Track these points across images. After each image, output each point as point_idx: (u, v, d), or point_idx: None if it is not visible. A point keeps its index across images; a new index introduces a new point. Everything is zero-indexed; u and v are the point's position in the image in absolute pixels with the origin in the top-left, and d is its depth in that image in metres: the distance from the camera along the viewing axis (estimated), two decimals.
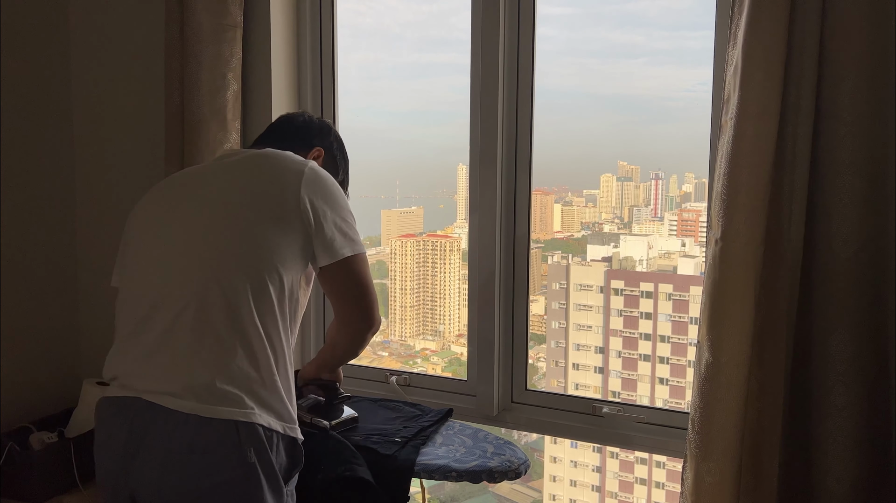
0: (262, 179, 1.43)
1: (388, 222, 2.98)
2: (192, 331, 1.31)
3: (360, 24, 2.43)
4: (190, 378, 1.30)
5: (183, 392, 1.30)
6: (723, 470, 1.52)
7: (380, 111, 2.63)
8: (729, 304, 1.49)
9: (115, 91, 2.33)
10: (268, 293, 1.35)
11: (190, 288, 1.33)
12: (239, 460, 1.29)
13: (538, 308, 2.62)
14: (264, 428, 1.32)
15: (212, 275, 1.33)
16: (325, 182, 1.45)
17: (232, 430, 1.29)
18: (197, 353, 1.31)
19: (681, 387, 2.57)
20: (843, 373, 1.47)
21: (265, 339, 1.34)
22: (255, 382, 1.32)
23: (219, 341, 1.31)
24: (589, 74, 2.34)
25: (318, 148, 1.65)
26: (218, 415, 1.28)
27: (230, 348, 1.31)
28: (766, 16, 1.41)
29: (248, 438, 1.30)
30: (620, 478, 2.95)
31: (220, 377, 1.30)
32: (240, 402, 1.30)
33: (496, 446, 1.70)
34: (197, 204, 1.43)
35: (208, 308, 1.32)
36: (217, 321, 1.31)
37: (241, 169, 1.47)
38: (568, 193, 2.75)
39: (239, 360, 1.31)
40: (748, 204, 1.46)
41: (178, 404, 1.29)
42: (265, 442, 1.32)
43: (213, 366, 1.30)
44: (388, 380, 2.16)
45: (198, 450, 1.29)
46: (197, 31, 1.98)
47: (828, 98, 1.45)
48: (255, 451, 1.30)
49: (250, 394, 1.31)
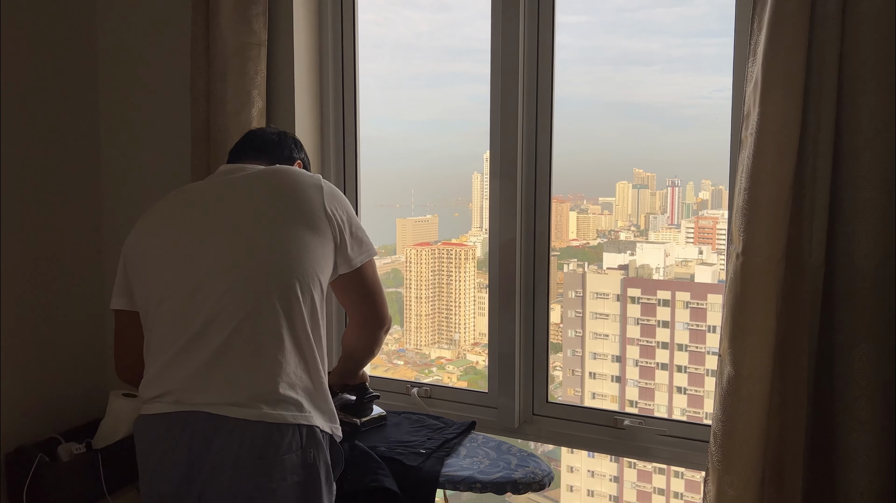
0: (288, 192, 1.47)
1: (404, 231, 2.99)
2: (250, 343, 1.35)
3: (378, 35, 2.45)
4: (253, 387, 1.35)
5: (248, 401, 1.34)
6: (745, 483, 1.52)
7: (396, 120, 2.65)
8: (750, 318, 1.50)
9: (141, 109, 2.37)
10: (313, 299, 1.42)
11: (245, 300, 1.36)
12: (303, 462, 1.36)
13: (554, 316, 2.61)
14: (320, 429, 1.40)
15: (265, 287, 1.37)
16: (339, 194, 1.54)
17: (297, 434, 1.35)
18: (258, 363, 1.35)
19: (699, 397, 2.56)
20: (866, 387, 1.48)
21: (314, 344, 1.41)
22: (309, 386, 1.39)
23: (277, 349, 1.36)
24: (604, 82, 2.35)
25: (298, 160, 1.72)
26: (284, 420, 1.34)
27: (288, 355, 1.37)
28: (786, 32, 1.42)
29: (310, 440, 1.37)
30: (638, 489, 2.94)
31: (282, 384, 1.35)
32: (300, 407, 1.36)
33: (520, 458, 1.71)
34: (230, 219, 1.44)
35: (265, 318, 1.36)
36: (274, 330, 1.36)
37: (261, 182, 1.49)
38: (583, 201, 2.75)
39: (295, 367, 1.37)
40: (769, 219, 1.47)
41: (245, 413, 1.33)
42: (322, 443, 1.40)
43: (274, 374, 1.35)
44: (410, 392, 2.17)
45: (268, 454, 1.33)
46: (222, 49, 2.02)
47: (848, 113, 1.45)
48: (314, 453, 1.38)
49: (308, 398, 1.38)
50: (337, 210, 1.48)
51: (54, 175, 2.33)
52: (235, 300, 1.36)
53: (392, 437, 1.78)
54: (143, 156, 2.37)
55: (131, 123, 2.39)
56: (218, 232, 1.43)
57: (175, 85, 2.24)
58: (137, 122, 2.38)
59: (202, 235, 1.44)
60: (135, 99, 2.38)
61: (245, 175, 1.52)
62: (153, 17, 2.32)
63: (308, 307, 1.40)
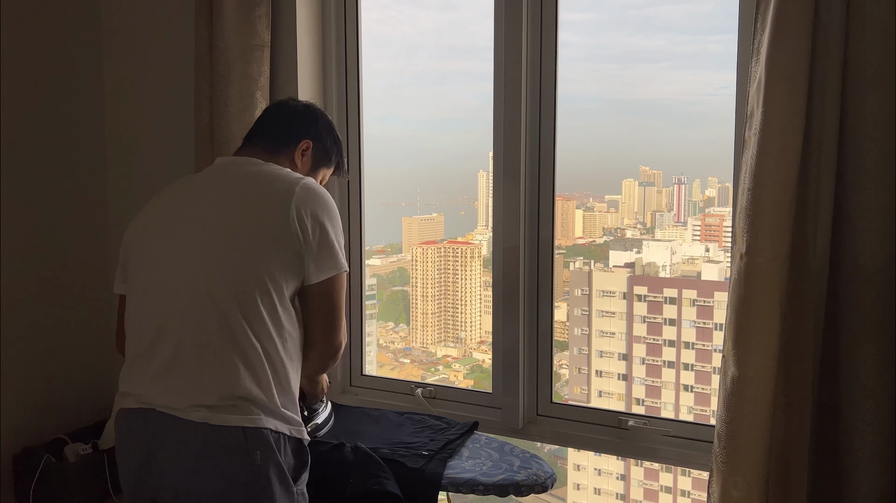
0: (255, 201, 1.48)
1: (410, 229, 2.99)
2: (193, 356, 1.40)
3: (382, 34, 2.45)
4: (199, 392, 1.39)
5: (194, 404, 1.38)
6: (750, 484, 1.52)
7: (401, 119, 2.65)
8: (754, 319, 1.49)
9: (145, 110, 2.38)
10: (259, 311, 1.40)
11: (190, 313, 1.41)
12: (248, 463, 1.37)
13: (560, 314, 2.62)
14: (271, 431, 1.40)
15: (208, 300, 1.40)
16: (316, 201, 1.48)
17: (239, 435, 1.37)
18: (200, 377, 1.39)
19: (706, 394, 2.56)
20: (871, 388, 1.47)
21: (262, 354, 1.40)
22: (258, 394, 1.39)
23: (220, 362, 1.39)
24: (610, 80, 2.34)
25: (305, 140, 1.66)
26: (226, 422, 1.37)
27: (231, 368, 1.38)
28: (789, 32, 1.41)
29: (255, 442, 1.38)
30: (645, 487, 2.94)
31: (224, 396, 1.38)
32: (245, 410, 1.38)
33: (523, 460, 1.71)
34: (193, 226, 1.48)
35: (207, 331, 1.39)
36: (216, 344, 1.39)
37: (235, 190, 1.51)
38: (590, 199, 2.74)
39: (241, 378, 1.38)
40: (773, 219, 1.46)
41: (191, 414, 1.38)
42: (273, 444, 1.40)
43: (217, 386, 1.38)
44: (414, 392, 2.18)
45: (209, 455, 1.38)
46: (225, 51, 2.02)
47: (852, 113, 1.44)
48: (261, 454, 1.38)
49: (254, 404, 1.39)
50: (306, 220, 1.44)
51: (59, 177, 2.34)
52: (180, 312, 1.42)
53: (395, 439, 1.78)
54: (148, 157, 2.38)
55: (136, 125, 2.40)
56: (183, 238, 1.47)
57: (179, 87, 2.25)
58: (142, 124, 2.39)
59: (172, 240, 1.48)
60: (139, 101, 2.39)
61: (226, 178, 1.55)
62: (157, 20, 2.33)
63: (267, 316, 1.41)
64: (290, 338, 1.46)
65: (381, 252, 2.99)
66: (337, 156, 1.74)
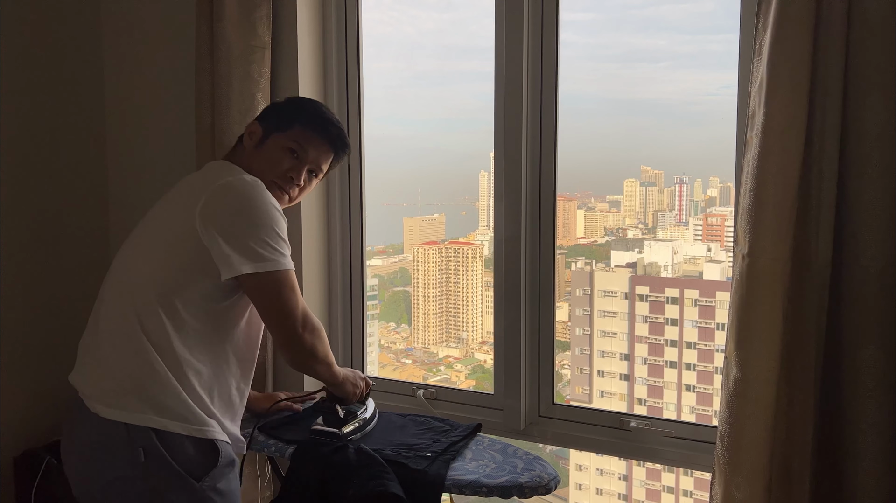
0: (180, 201, 1.54)
1: (411, 230, 2.99)
2: (100, 350, 1.50)
3: (383, 34, 2.45)
4: (98, 385, 1.47)
5: (94, 396, 1.47)
6: (752, 486, 1.52)
7: (402, 119, 2.65)
8: (757, 320, 1.49)
9: (146, 112, 2.38)
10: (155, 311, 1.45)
11: (106, 309, 1.52)
12: (131, 459, 1.42)
13: (562, 314, 2.62)
14: (157, 430, 1.42)
15: (117, 298, 1.51)
16: (231, 198, 1.47)
17: (122, 430, 1.42)
18: (99, 370, 1.49)
19: (708, 394, 2.56)
20: (874, 389, 1.46)
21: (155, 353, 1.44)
22: (151, 392, 1.44)
23: (115, 358, 1.47)
24: (611, 79, 2.34)
25: (252, 123, 1.68)
26: (111, 416, 1.43)
27: (124, 365, 1.46)
28: (791, 32, 1.41)
29: (139, 439, 1.42)
30: (647, 487, 2.94)
31: (110, 390, 1.45)
32: (130, 407, 1.43)
33: (526, 461, 1.71)
34: (143, 225, 1.60)
35: (110, 329, 1.49)
36: (115, 340, 1.47)
37: (182, 194, 1.57)
38: (591, 199, 2.74)
39: (130, 375, 1.45)
40: (775, 220, 1.46)
41: (89, 404, 1.46)
42: (158, 443, 1.42)
43: (108, 380, 1.46)
44: (415, 393, 2.17)
45: (96, 446, 1.45)
46: (226, 53, 2.02)
47: (854, 113, 1.44)
48: (145, 452, 1.42)
49: (141, 401, 1.43)
50: (213, 217, 1.45)
51: (61, 178, 2.34)
52: (107, 305, 1.52)
53: (397, 440, 1.78)
54: (149, 159, 2.38)
55: (136, 126, 2.40)
56: (131, 240, 1.59)
57: (180, 88, 2.25)
58: (143, 125, 2.39)
59: (132, 238, 1.60)
60: (140, 102, 2.39)
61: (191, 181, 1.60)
62: (158, 21, 2.33)
63: (166, 317, 1.45)
64: (197, 335, 1.48)
65: (382, 252, 2.99)
66: (305, 121, 1.64)
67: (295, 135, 1.63)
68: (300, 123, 1.64)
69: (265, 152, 1.62)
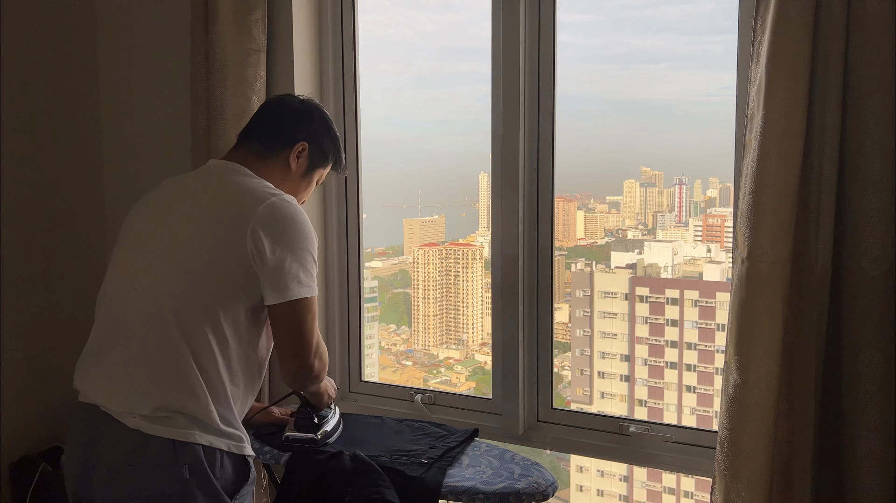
0: (220, 216, 1.49)
1: (411, 231, 2.98)
2: (134, 365, 1.44)
3: (383, 36, 2.44)
4: (133, 407, 1.42)
5: (130, 410, 1.42)
6: (753, 491, 1.50)
7: (402, 121, 2.64)
8: (756, 324, 1.48)
9: (142, 115, 2.37)
10: (201, 329, 1.43)
11: (139, 323, 1.45)
12: (174, 476, 1.39)
13: (562, 316, 2.61)
14: (204, 446, 1.42)
15: (156, 313, 1.44)
16: (279, 222, 1.47)
17: (168, 448, 1.40)
18: (138, 386, 1.43)
19: (708, 395, 2.54)
20: (875, 393, 1.45)
21: (199, 371, 1.43)
22: (193, 409, 1.42)
23: (156, 375, 1.42)
24: (610, 80, 2.33)
25: (301, 143, 1.64)
26: (156, 433, 1.40)
27: (167, 382, 1.42)
28: (790, 34, 1.40)
29: (185, 456, 1.40)
30: (648, 488, 2.93)
31: (158, 407, 1.41)
32: (177, 423, 1.41)
33: (523, 467, 1.69)
34: (162, 237, 1.51)
35: (149, 343, 1.43)
36: (156, 356, 1.43)
37: (208, 203, 1.52)
38: (591, 200, 2.73)
39: (176, 392, 1.42)
40: (774, 223, 1.45)
41: (126, 419, 1.41)
42: (204, 460, 1.41)
43: (153, 398, 1.42)
44: (413, 398, 2.16)
45: (136, 463, 1.40)
46: (221, 56, 2.01)
47: (853, 115, 1.42)
48: (190, 468, 1.40)
49: (188, 418, 1.42)
50: (263, 242, 1.44)
51: (56, 183, 2.34)
52: (137, 319, 1.45)
53: (394, 446, 1.77)
54: (145, 162, 2.37)
55: (132, 130, 2.40)
56: (151, 248, 1.51)
57: (175, 92, 2.24)
58: (138, 129, 2.38)
59: (143, 247, 1.52)
60: (135, 106, 2.38)
61: (205, 187, 1.56)
62: (153, 25, 2.32)
63: (211, 334, 1.43)
64: (237, 355, 1.48)
65: (382, 254, 2.98)
66: (334, 154, 1.73)
67: (327, 170, 1.74)
68: (334, 158, 1.74)
69: (305, 182, 1.69)
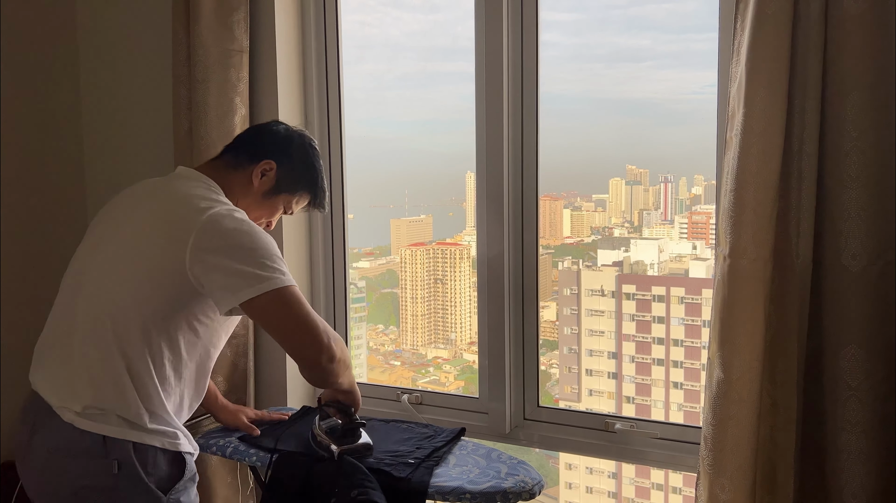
0: (163, 226, 1.49)
1: (398, 231, 2.98)
2: (72, 363, 1.48)
3: (367, 36, 2.43)
4: (67, 402, 1.46)
5: (66, 403, 1.46)
6: (736, 486, 1.51)
7: (387, 121, 2.64)
8: (739, 321, 1.49)
9: (124, 117, 2.36)
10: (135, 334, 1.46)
11: (82, 323, 1.49)
12: (104, 470, 1.43)
13: (550, 314, 2.61)
14: (135, 443, 1.45)
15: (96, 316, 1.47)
16: (219, 233, 1.45)
17: (99, 442, 1.44)
18: (74, 383, 1.47)
19: (695, 391, 2.56)
20: (856, 388, 1.47)
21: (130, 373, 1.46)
22: (124, 411, 1.46)
23: (90, 375, 1.46)
24: (595, 79, 2.33)
25: (268, 161, 1.63)
26: (88, 428, 1.44)
27: (100, 382, 1.46)
28: (769, 32, 1.41)
29: (115, 451, 1.44)
30: (637, 484, 2.94)
31: (89, 405, 1.45)
32: (108, 421, 1.45)
33: (510, 466, 1.70)
34: (113, 241, 1.54)
35: (87, 344, 1.47)
36: (92, 357, 1.46)
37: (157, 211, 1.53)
38: (577, 198, 2.73)
39: (107, 393, 1.45)
40: (756, 220, 1.46)
41: (60, 412, 1.46)
42: (134, 456, 1.45)
43: (85, 396, 1.45)
44: (400, 398, 2.16)
45: (72, 454, 1.45)
46: (203, 57, 2.00)
47: (833, 112, 1.44)
48: (119, 463, 1.44)
49: (118, 417, 1.45)
50: (204, 253, 1.43)
51: (38, 185, 2.32)
52: (81, 319, 1.49)
53: (381, 447, 1.76)
54: (127, 165, 2.36)
55: (114, 132, 2.38)
56: (100, 247, 1.55)
57: (157, 93, 2.23)
58: (120, 131, 2.37)
59: (95, 246, 1.57)
60: (117, 108, 2.36)
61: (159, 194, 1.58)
62: (134, 26, 2.31)
63: (143, 339, 1.46)
64: (170, 363, 1.50)
65: (369, 254, 2.98)
66: (308, 187, 1.70)
67: (299, 199, 1.71)
68: (307, 190, 1.70)
69: (267, 204, 1.66)
